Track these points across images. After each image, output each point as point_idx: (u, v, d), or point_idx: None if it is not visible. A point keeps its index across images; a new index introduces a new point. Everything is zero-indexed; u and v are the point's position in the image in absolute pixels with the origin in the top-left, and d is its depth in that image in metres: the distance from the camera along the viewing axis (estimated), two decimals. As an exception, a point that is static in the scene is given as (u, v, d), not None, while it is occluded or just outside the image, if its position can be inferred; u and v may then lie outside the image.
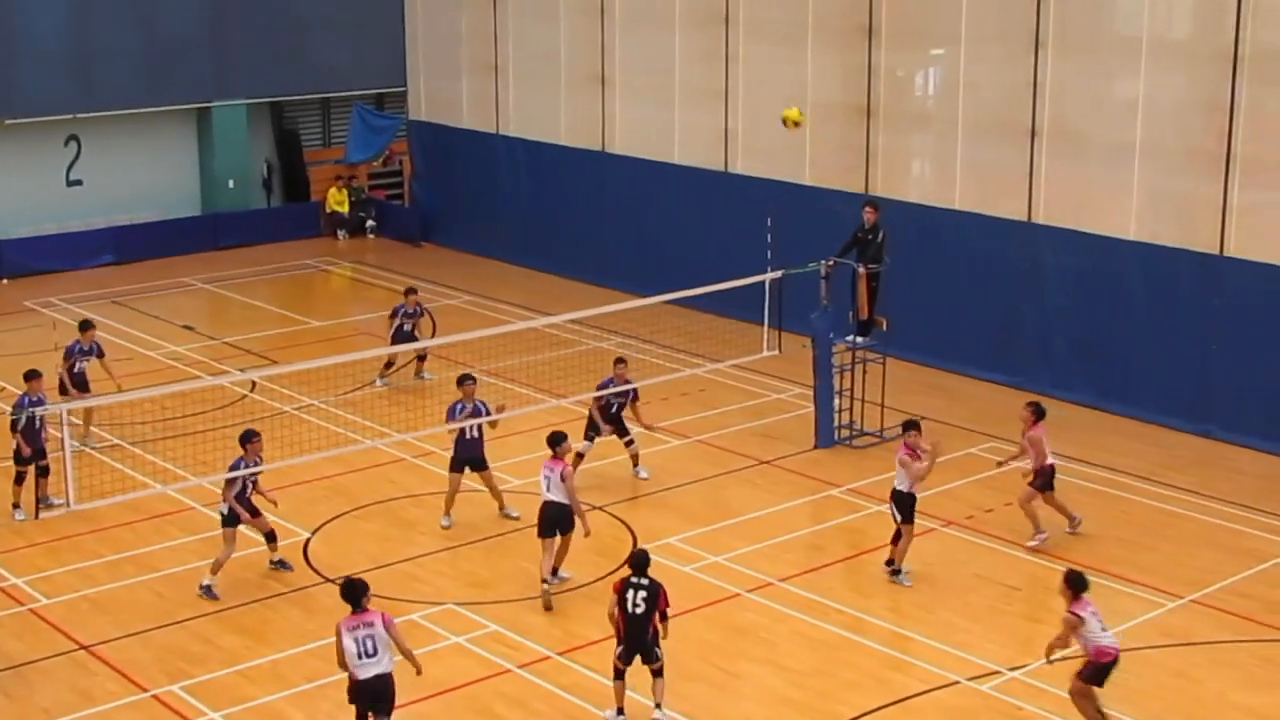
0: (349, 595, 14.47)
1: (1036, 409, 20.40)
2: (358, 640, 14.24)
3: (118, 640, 17.52)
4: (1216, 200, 23.91)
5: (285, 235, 38.23)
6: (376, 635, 14.27)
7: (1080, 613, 15.04)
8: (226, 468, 21.42)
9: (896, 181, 28.25)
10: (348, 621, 14.34)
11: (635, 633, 15.42)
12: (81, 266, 35.08)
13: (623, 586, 15.49)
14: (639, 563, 15.61)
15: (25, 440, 20.70)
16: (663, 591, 15.54)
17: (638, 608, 15.35)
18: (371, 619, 14.33)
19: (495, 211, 36.22)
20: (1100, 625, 15.13)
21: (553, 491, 18.44)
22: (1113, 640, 15.18)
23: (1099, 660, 15.06)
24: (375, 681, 14.30)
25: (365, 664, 14.24)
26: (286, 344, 28.97)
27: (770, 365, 25.40)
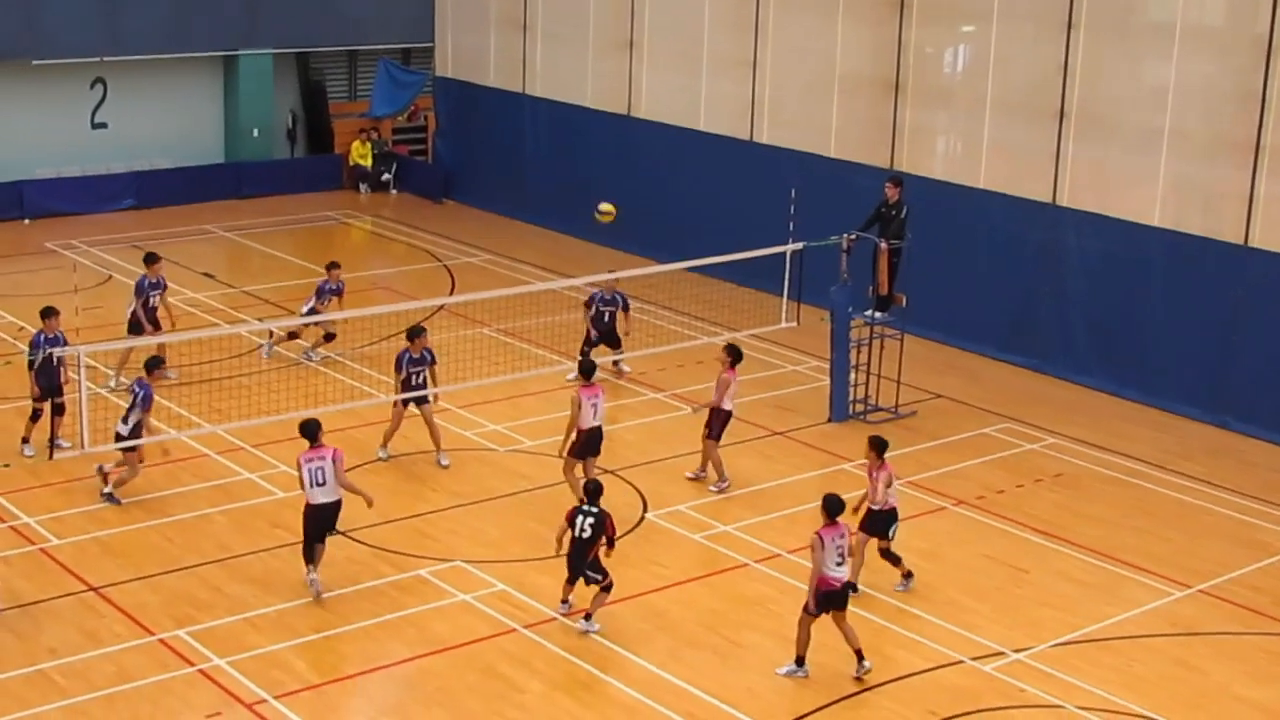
0: (306, 432, 17.13)
1: (731, 351, 20.75)
2: (310, 470, 16.92)
3: (126, 583, 17.57)
4: (1243, 190, 23.80)
5: (307, 187, 38.21)
6: (326, 467, 16.92)
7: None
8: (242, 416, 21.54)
9: (922, 158, 28.15)
10: (305, 454, 17.01)
11: (578, 556, 16.61)
12: (103, 210, 35.10)
13: (573, 513, 16.68)
14: (592, 492, 16.77)
15: (39, 379, 20.74)
16: (609, 519, 16.56)
17: (584, 533, 16.51)
18: (324, 453, 16.99)
19: (518, 171, 36.15)
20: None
21: (598, 417, 19.64)
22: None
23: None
24: (324, 508, 17.04)
25: (315, 491, 16.96)
26: (304, 295, 28.89)
27: (787, 337, 25.39)
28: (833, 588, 15.77)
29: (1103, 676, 16.37)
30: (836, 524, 15.87)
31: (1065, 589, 18.45)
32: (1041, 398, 25.17)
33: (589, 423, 19.56)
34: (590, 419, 19.56)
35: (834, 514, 15.91)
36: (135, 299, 23.67)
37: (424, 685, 15.76)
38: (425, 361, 21.19)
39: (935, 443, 22.93)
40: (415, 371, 21.01)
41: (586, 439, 19.65)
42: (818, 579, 15.78)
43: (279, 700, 15.26)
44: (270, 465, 20.99)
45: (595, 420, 19.61)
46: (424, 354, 21.18)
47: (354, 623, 16.88)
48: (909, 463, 21.97)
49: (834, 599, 15.86)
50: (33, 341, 21.03)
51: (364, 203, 38.07)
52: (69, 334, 22.64)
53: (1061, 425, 23.78)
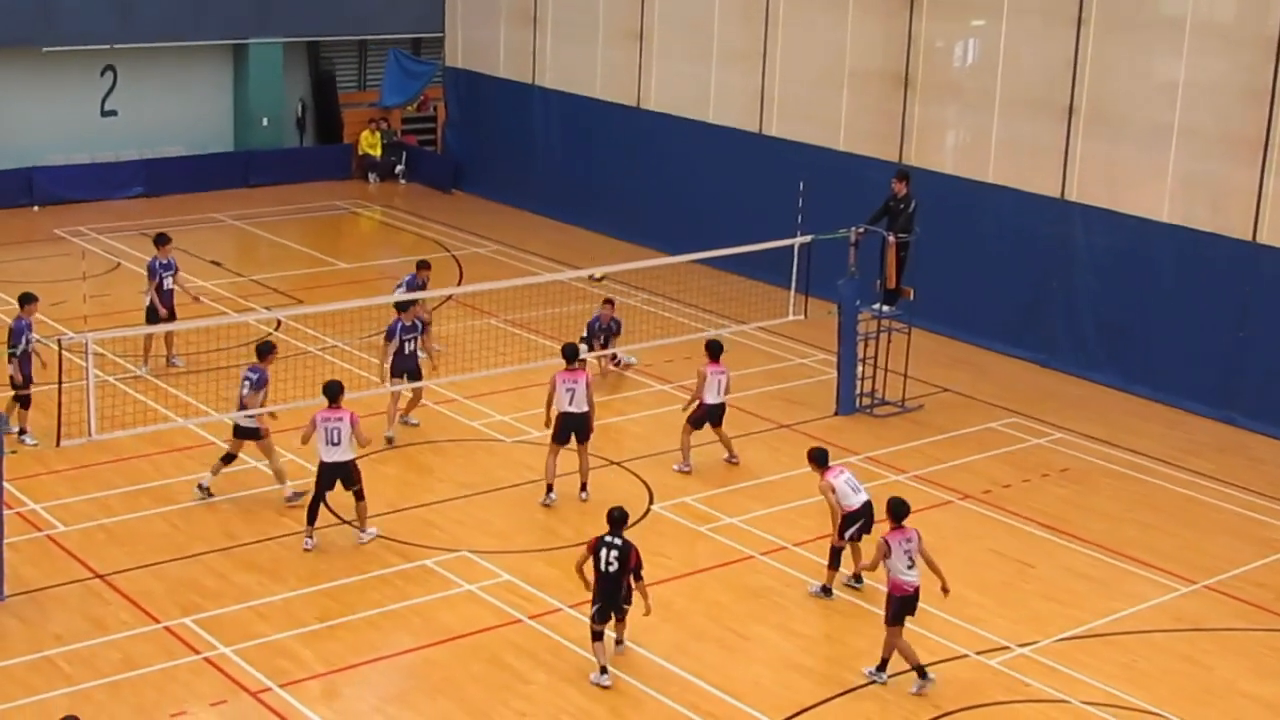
0: (329, 392, 17.96)
1: (710, 347, 21.04)
2: (327, 429, 17.78)
3: (132, 571, 17.60)
4: (1252, 186, 23.76)
5: (316, 176, 38.24)
6: (342, 429, 17.77)
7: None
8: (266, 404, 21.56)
9: (930, 152, 28.12)
10: (323, 414, 17.83)
11: (609, 591, 15.48)
12: (112, 197, 35.14)
13: (596, 545, 15.53)
14: (616, 520, 15.58)
15: (24, 366, 20.71)
16: (634, 551, 15.53)
17: (610, 566, 15.39)
18: (342, 415, 17.84)
19: (527, 162, 36.15)
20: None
21: (575, 404, 19.48)
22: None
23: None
24: (336, 466, 17.88)
25: (329, 449, 17.79)
26: (313, 284, 28.99)
27: (795, 330, 25.38)
28: (906, 593, 15.56)
29: (1107, 671, 16.37)
30: (903, 528, 15.67)
31: (1071, 584, 18.45)
32: (1049, 393, 25.16)
33: (563, 407, 19.55)
34: (565, 404, 19.53)
35: (900, 517, 15.72)
36: (149, 283, 23.70)
37: (429, 675, 15.78)
38: (416, 330, 21.71)
39: (942, 437, 22.92)
40: (408, 339, 21.40)
41: (561, 423, 19.64)
42: (891, 585, 15.61)
43: (284, 689, 15.28)
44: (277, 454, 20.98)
45: (570, 406, 19.51)
46: (415, 322, 21.69)
47: (360, 612, 16.91)
48: (915, 457, 21.98)
49: (909, 605, 15.67)
50: (13, 328, 20.94)
51: (373, 192, 38.07)
52: (77, 321, 22.72)
53: (1069, 420, 23.77)
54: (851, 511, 17.63)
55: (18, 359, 20.73)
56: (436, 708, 15.16)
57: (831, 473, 17.71)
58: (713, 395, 20.83)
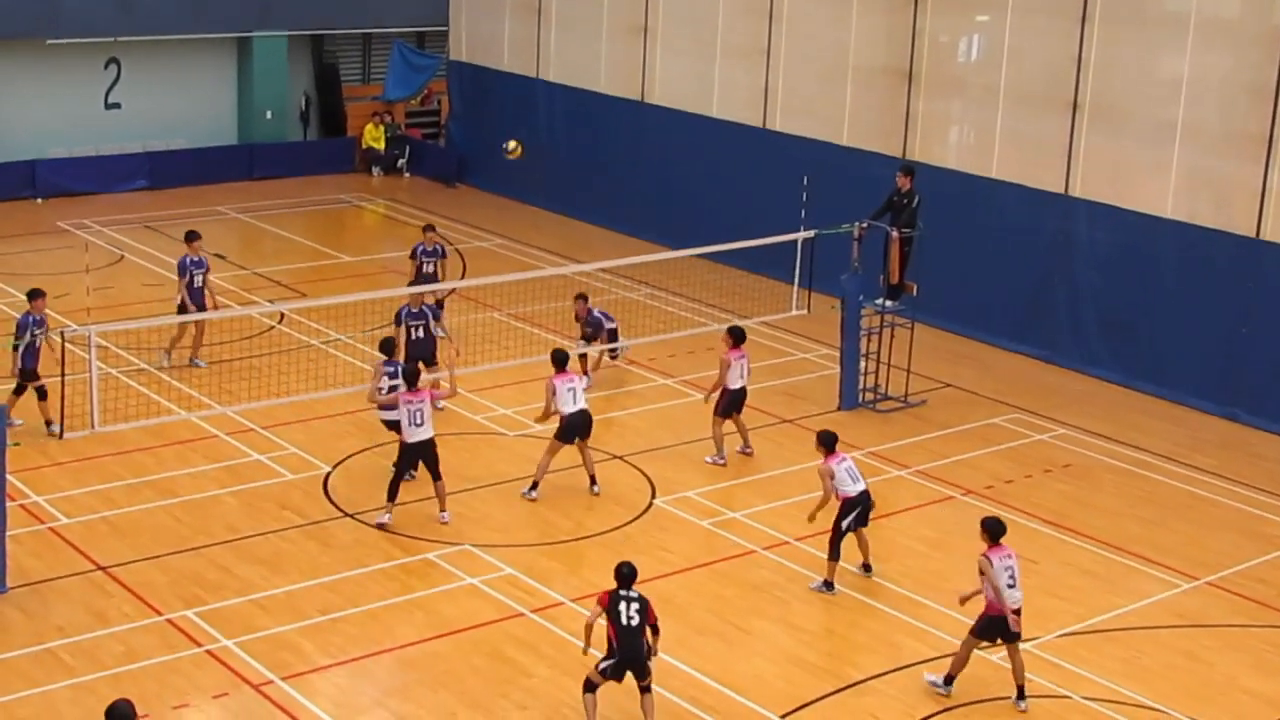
0: (408, 377, 18.62)
1: (732, 333, 20.94)
2: (410, 412, 18.35)
3: (135, 563, 17.62)
4: (1255, 183, 23.75)
5: (320, 169, 38.23)
6: (425, 409, 18.40)
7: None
8: (253, 397, 21.62)
9: (934, 147, 28.11)
10: (405, 396, 18.42)
11: (632, 646, 14.34)
12: (115, 190, 35.14)
13: (611, 600, 14.39)
14: (627, 575, 14.48)
15: (26, 359, 20.61)
16: (650, 606, 14.53)
17: (632, 620, 14.30)
18: (423, 396, 18.48)
19: (531, 156, 36.01)
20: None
21: (578, 402, 19.66)
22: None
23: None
24: (421, 445, 18.52)
25: (414, 430, 18.40)
26: (316, 278, 29.01)
27: (798, 324, 25.39)
28: (1001, 613, 15.19)
29: (1109, 667, 16.37)
30: (1001, 545, 15.36)
31: (1073, 580, 18.45)
32: (1052, 388, 25.16)
33: (568, 409, 19.56)
34: (569, 405, 19.57)
35: (997, 536, 15.41)
36: (179, 280, 23.53)
37: (431, 668, 15.80)
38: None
39: (945, 432, 22.93)
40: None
41: (568, 424, 19.65)
42: (987, 606, 15.26)
43: (286, 681, 15.30)
44: (280, 447, 21.03)
45: (575, 405, 19.59)
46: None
47: (361, 605, 16.92)
48: (918, 452, 21.98)
49: (1000, 626, 15.30)
50: (19, 322, 20.85)
51: (376, 186, 38.08)
52: (80, 314, 22.71)
53: (1071, 416, 23.77)
54: (849, 499, 17.63)
55: (18, 353, 20.66)
56: (438, 700, 15.17)
57: (834, 458, 17.74)
58: (737, 380, 20.90)
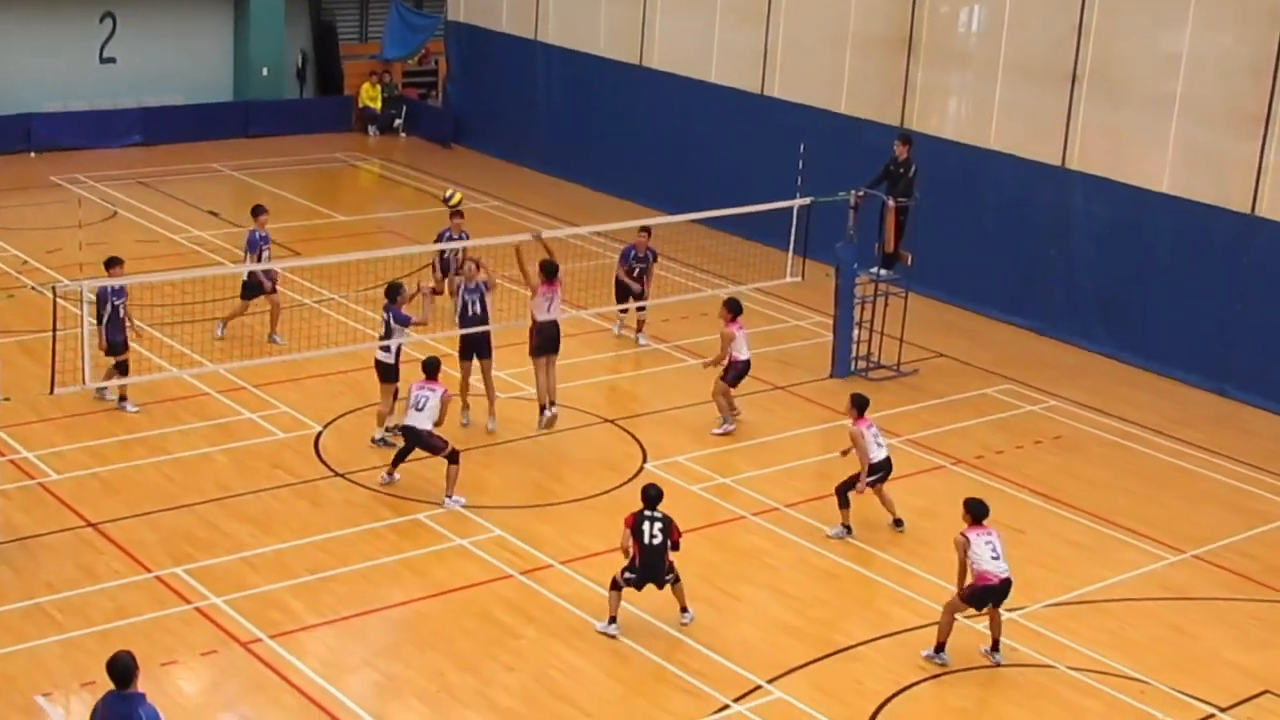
0: (428, 368, 18.55)
1: (730, 305, 20.97)
2: (416, 397, 18.25)
3: (125, 520, 17.63)
4: (1252, 159, 23.73)
5: (316, 128, 38.14)
6: (431, 399, 18.21)
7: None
8: (245, 355, 21.62)
9: (932, 117, 28.06)
10: (418, 383, 18.38)
11: (653, 562, 15.69)
12: (109, 145, 35.04)
13: (636, 520, 15.71)
14: (653, 497, 15.81)
15: (109, 332, 20.33)
16: (674, 524, 15.85)
17: (655, 539, 15.63)
18: (436, 387, 18.33)
19: (528, 118, 36.05)
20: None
21: (552, 312, 20.20)
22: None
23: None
24: (410, 430, 18.28)
25: (413, 415, 18.22)
26: (310, 237, 28.95)
27: (792, 292, 25.38)
28: (991, 583, 15.33)
29: (1094, 638, 16.44)
30: (982, 525, 15.54)
31: (1060, 550, 18.51)
32: (1044, 360, 25.19)
33: (542, 315, 20.10)
34: (543, 312, 20.10)
35: (979, 517, 15.59)
36: (248, 256, 23.03)
37: (419, 629, 15.84)
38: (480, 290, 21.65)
39: (936, 401, 22.96)
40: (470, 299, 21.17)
41: (540, 334, 20.19)
42: (976, 576, 15.37)
43: (275, 640, 15.33)
44: (271, 405, 21.03)
45: (550, 314, 20.11)
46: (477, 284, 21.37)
47: (351, 565, 16.95)
48: (909, 421, 22.01)
49: (992, 593, 15.44)
50: (99, 295, 20.29)
51: (372, 145, 37.99)
52: (73, 269, 22.64)
53: (1063, 388, 23.81)
54: (872, 464, 18.12)
55: (103, 326, 20.29)
56: (426, 661, 15.22)
57: (864, 422, 18.19)
58: (744, 351, 21.05)
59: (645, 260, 24.06)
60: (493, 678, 15.00)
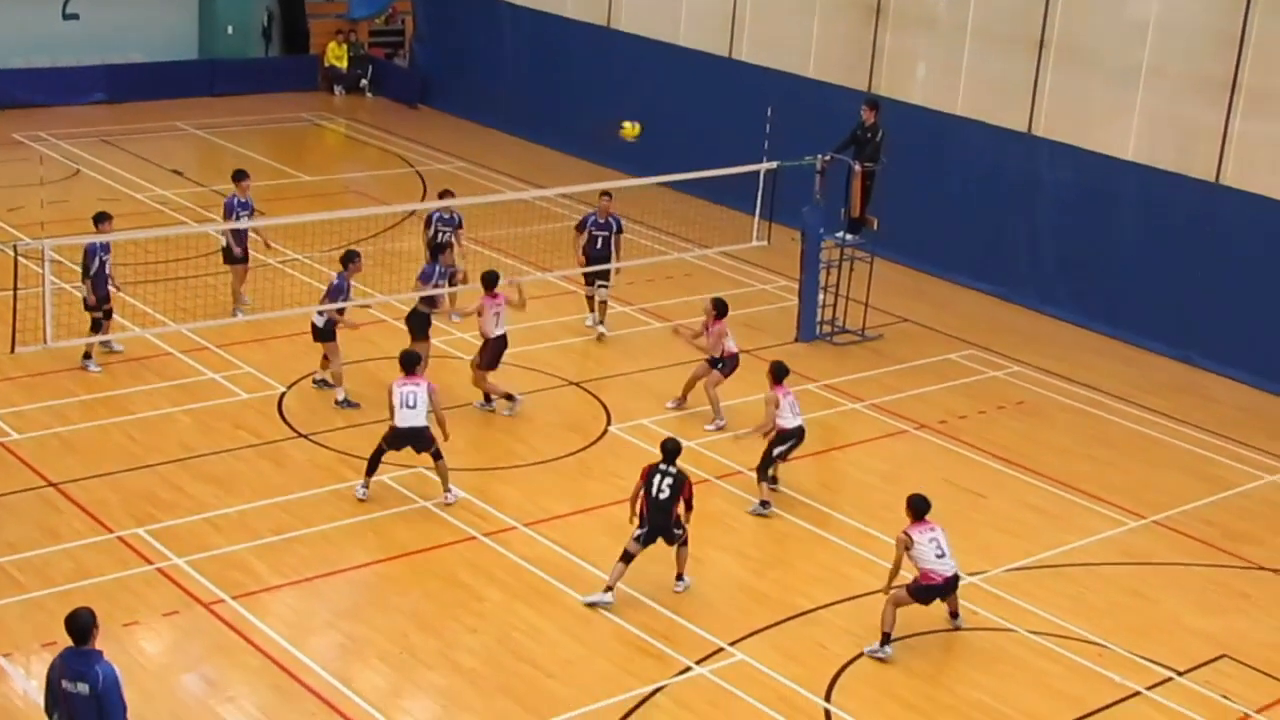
0: (405, 362, 17.57)
1: (716, 304, 20.45)
2: (403, 395, 17.21)
3: (87, 480, 17.56)
4: (1217, 128, 23.82)
5: (281, 87, 37.87)
6: (419, 394, 17.27)
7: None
8: (208, 315, 21.54)
9: (900, 82, 28.05)
10: (400, 381, 17.35)
11: (658, 516, 15.68)
12: (72, 102, 34.73)
13: (650, 472, 15.76)
14: (670, 451, 15.86)
15: (96, 287, 20.32)
16: (688, 482, 15.83)
17: (662, 493, 15.65)
18: (420, 381, 17.42)
19: (495, 79, 35.89)
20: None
21: (501, 327, 19.86)
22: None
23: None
24: (410, 431, 17.24)
25: (405, 413, 17.20)
26: (275, 196, 28.79)
27: (758, 255, 25.40)
28: (934, 582, 15.21)
29: (1055, 602, 16.54)
30: (925, 521, 15.36)
31: (1022, 515, 18.61)
32: (1008, 326, 25.28)
33: (492, 332, 19.82)
34: (492, 329, 19.80)
35: (921, 513, 15.40)
36: (225, 221, 22.76)
37: (383, 590, 15.84)
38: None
39: (900, 366, 23.02)
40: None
41: (494, 348, 19.98)
42: (920, 575, 15.21)
43: (237, 601, 15.31)
44: (235, 366, 20.96)
45: (500, 329, 19.86)
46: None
47: (315, 526, 16.92)
48: (873, 385, 22.07)
49: (937, 591, 15.32)
50: (88, 249, 20.30)
51: (338, 105, 37.79)
52: (34, 227, 22.46)
53: (1026, 354, 23.90)
54: (785, 431, 18.07)
55: (90, 279, 20.32)
56: (389, 622, 15.22)
57: (781, 390, 18.14)
58: (734, 346, 20.45)
59: (607, 228, 22.94)
60: (456, 639, 15.01)
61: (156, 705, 13.55)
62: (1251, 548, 18.31)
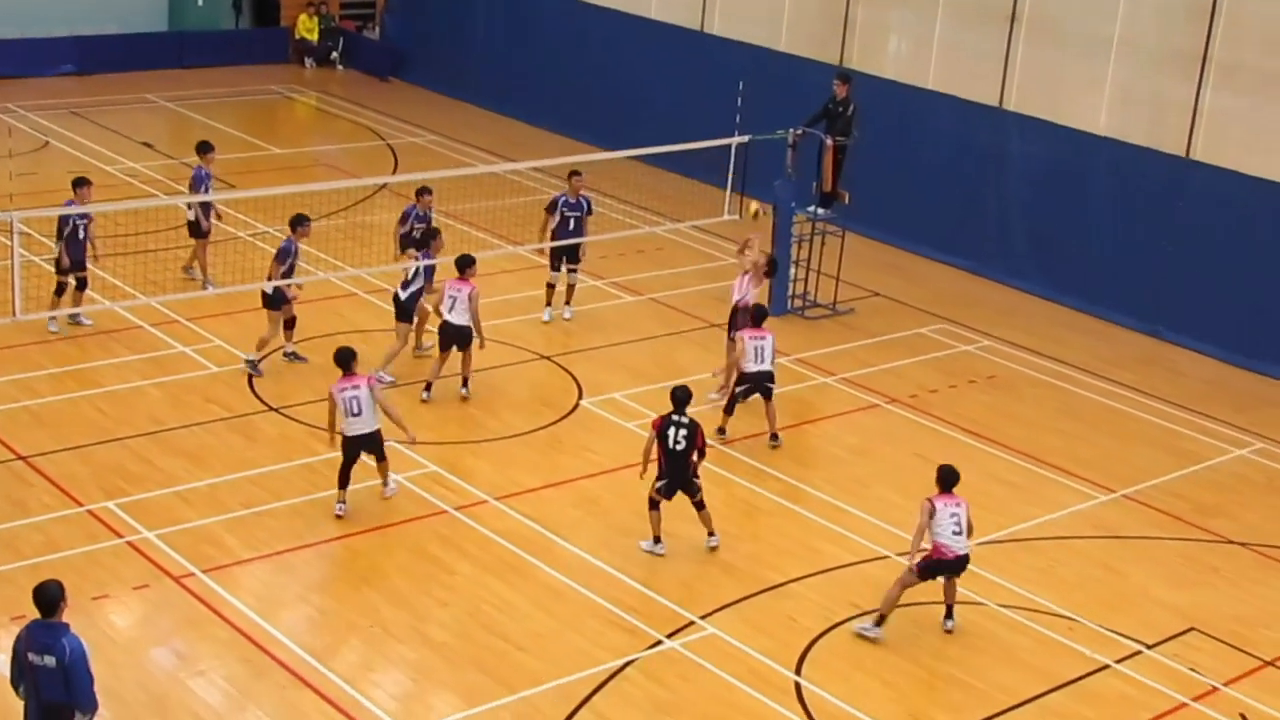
0: (340, 361, 16.35)
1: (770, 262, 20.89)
2: (346, 402, 16.15)
3: (56, 453, 17.48)
4: (1188, 102, 23.88)
5: (251, 59, 37.66)
6: (361, 397, 16.14)
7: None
8: (178, 289, 21.45)
9: (872, 56, 28.06)
10: (338, 384, 16.24)
11: (677, 468, 15.94)
12: (41, 74, 34.47)
13: (663, 424, 15.96)
14: (681, 399, 16.07)
15: (69, 250, 20.29)
16: (700, 430, 16.05)
17: (679, 444, 15.86)
18: (358, 382, 16.24)
19: (467, 52, 35.75)
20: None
21: (454, 313, 19.17)
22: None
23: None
24: (362, 439, 16.29)
25: (351, 422, 16.19)
26: (245, 169, 28.66)
27: (729, 229, 25.36)
28: (945, 557, 14.86)
29: (1025, 576, 16.62)
30: (951, 494, 14.97)
31: (993, 489, 18.67)
32: (979, 300, 25.34)
33: (444, 315, 19.35)
34: (445, 311, 19.30)
35: (949, 485, 15.01)
36: (193, 193, 22.59)
37: (353, 564, 15.83)
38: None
39: (871, 340, 23.05)
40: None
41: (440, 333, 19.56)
42: (933, 548, 14.86)
43: (207, 574, 15.28)
44: (205, 339, 20.88)
45: (449, 315, 19.23)
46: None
47: (285, 500, 16.88)
48: (845, 359, 22.11)
49: (945, 566, 15.01)
50: (63, 216, 20.27)
51: (309, 78, 37.59)
52: (3, 200, 22.31)
53: (997, 328, 23.97)
54: (744, 373, 18.56)
55: (65, 242, 20.27)
56: (360, 596, 15.21)
57: (751, 332, 18.66)
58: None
59: (579, 208, 22.45)
60: (426, 613, 15.01)
61: (126, 679, 13.52)
62: (1220, 521, 18.42)
